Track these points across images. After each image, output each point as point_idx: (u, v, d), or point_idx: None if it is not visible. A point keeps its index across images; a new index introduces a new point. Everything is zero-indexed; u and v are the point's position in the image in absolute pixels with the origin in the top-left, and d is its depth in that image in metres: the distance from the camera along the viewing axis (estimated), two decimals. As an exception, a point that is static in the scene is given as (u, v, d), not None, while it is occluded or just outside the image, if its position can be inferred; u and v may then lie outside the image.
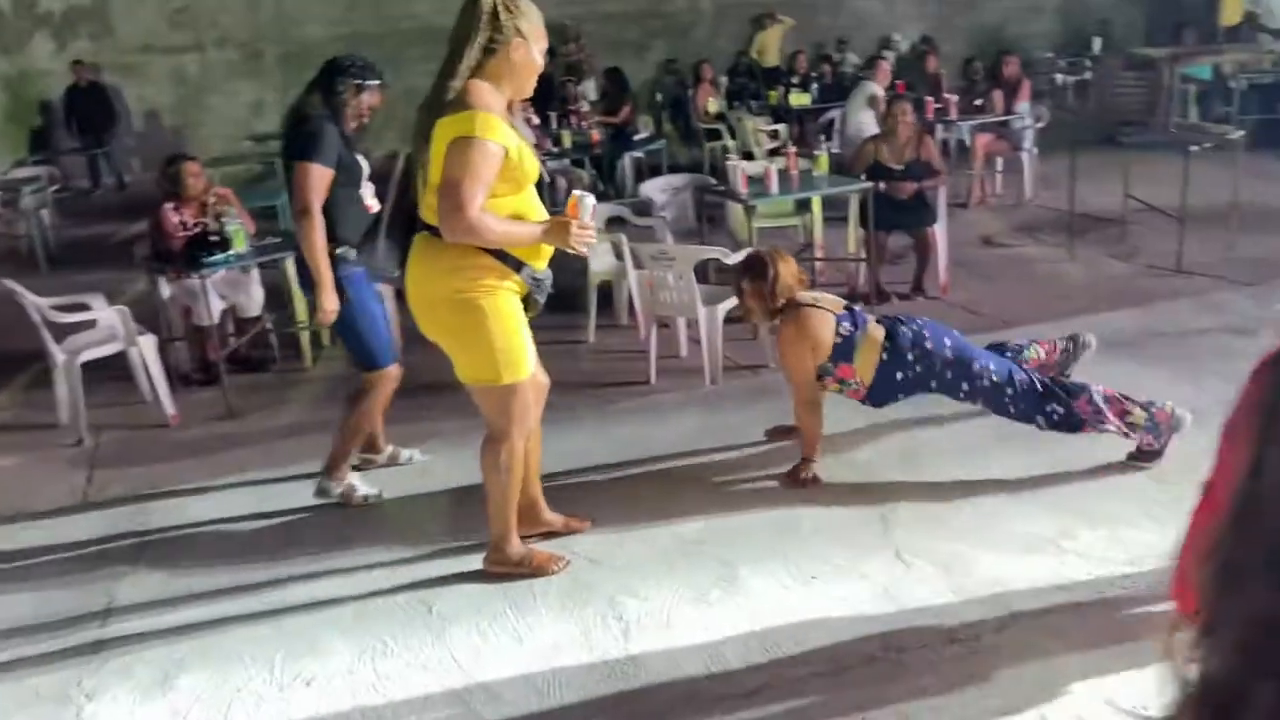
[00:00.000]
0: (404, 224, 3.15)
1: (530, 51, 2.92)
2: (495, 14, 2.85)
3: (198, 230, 5.49)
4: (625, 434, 4.47)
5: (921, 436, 4.17)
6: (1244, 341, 4.93)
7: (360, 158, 3.88)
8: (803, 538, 3.45)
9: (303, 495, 4.05)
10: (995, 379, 3.72)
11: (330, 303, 3.72)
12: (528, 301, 3.06)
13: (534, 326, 3.19)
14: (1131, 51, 7.24)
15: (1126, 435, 3.71)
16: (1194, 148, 6.33)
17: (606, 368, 5.55)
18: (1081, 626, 2.84)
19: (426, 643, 3.03)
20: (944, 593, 3.04)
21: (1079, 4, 16.96)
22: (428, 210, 2.96)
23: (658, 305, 5.23)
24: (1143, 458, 3.75)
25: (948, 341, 3.80)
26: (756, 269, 3.86)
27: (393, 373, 3.93)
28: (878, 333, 3.79)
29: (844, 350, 3.76)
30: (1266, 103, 10.46)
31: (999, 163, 9.12)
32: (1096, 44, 14.57)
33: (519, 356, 3.03)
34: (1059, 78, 14.59)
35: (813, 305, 3.83)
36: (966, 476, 3.80)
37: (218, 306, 5.60)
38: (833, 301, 3.94)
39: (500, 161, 2.81)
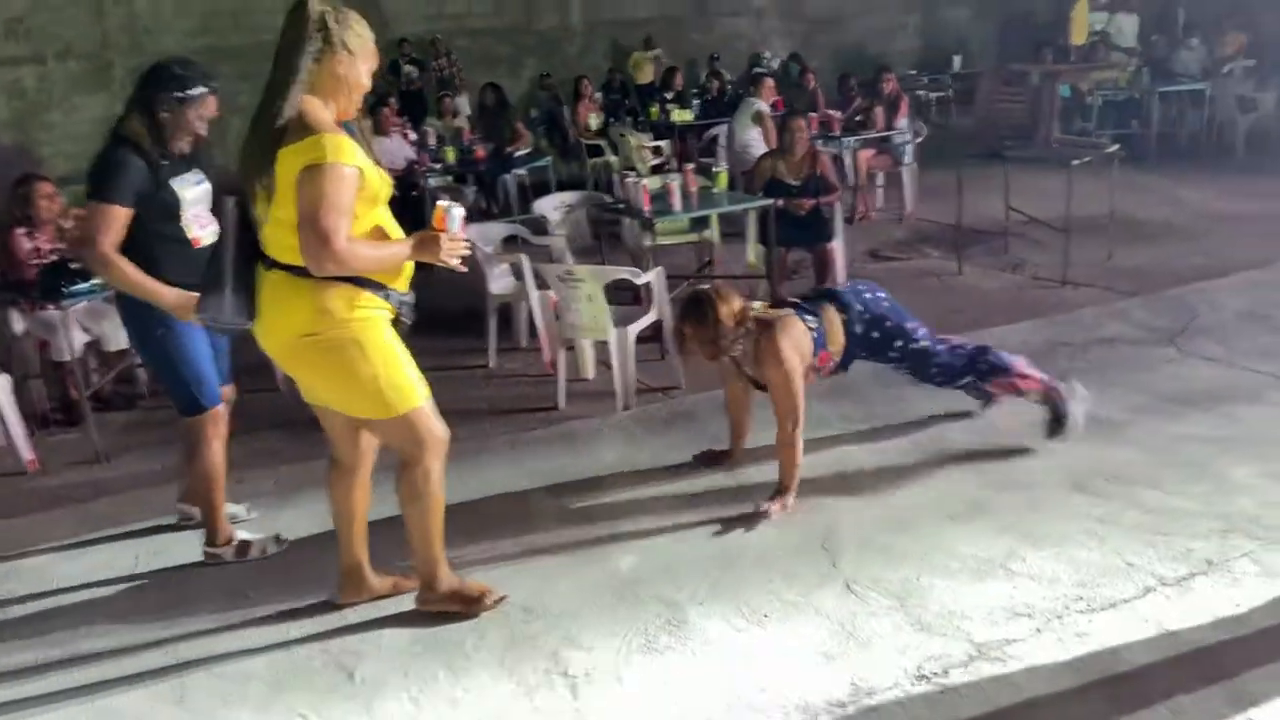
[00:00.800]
0: (249, 270, 2.79)
1: (356, 68, 2.70)
2: (323, 23, 2.63)
3: (54, 257, 5.00)
4: (542, 465, 4.24)
5: (853, 458, 4.08)
6: (1145, 351, 5.06)
7: (181, 185, 3.38)
8: (746, 571, 3.29)
9: (191, 545, 3.68)
10: (925, 343, 3.99)
11: (172, 298, 3.27)
12: (396, 325, 2.88)
13: (433, 353, 2.99)
14: (1012, 68, 7.41)
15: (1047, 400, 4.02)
16: (1075, 161, 6.50)
17: (511, 394, 5.30)
18: (1044, 653, 2.76)
19: (352, 714, 2.73)
20: (903, 626, 2.92)
21: (937, 24, 17.58)
22: (276, 247, 2.71)
23: (564, 327, 5.02)
24: (1053, 430, 3.98)
25: (881, 293, 4.07)
26: (696, 313, 3.68)
27: (219, 412, 3.54)
28: (830, 311, 3.91)
29: (820, 342, 3.87)
30: (1120, 118, 11.00)
31: (880, 177, 9.27)
32: (957, 61, 15.11)
33: (408, 382, 2.85)
34: (923, 94, 15.06)
35: (778, 317, 3.80)
36: (904, 498, 3.72)
37: (79, 340, 5.11)
38: (780, 309, 3.93)
39: (356, 184, 2.61)
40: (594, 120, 11.02)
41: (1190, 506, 3.49)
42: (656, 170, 8.83)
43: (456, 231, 2.80)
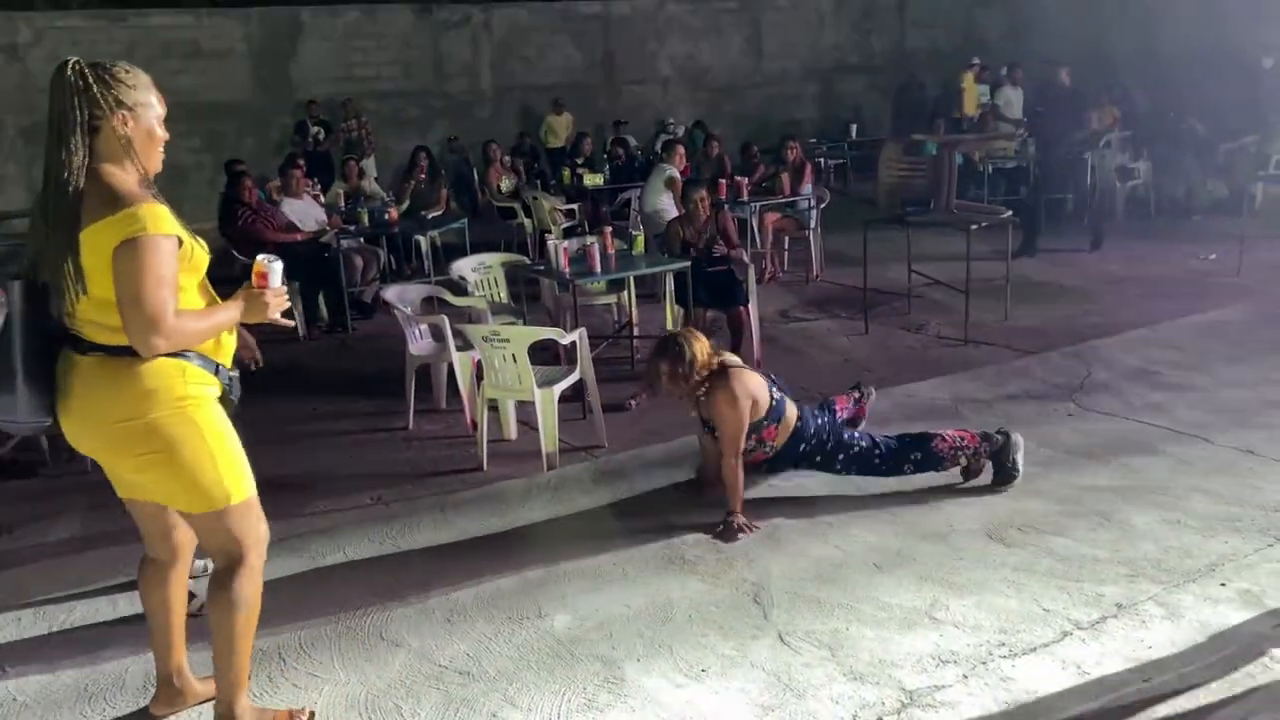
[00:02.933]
0: (44, 358, 2.53)
1: (143, 123, 2.52)
2: (86, 88, 2.43)
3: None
4: (470, 526, 4.22)
5: (778, 511, 4.17)
6: (1047, 406, 5.30)
7: None
8: (680, 626, 3.33)
9: (104, 620, 3.55)
10: (863, 445, 4.26)
11: None
12: (224, 402, 2.69)
13: (350, 415, 2.91)
14: (913, 138, 7.77)
15: (969, 468, 4.32)
16: (974, 226, 6.83)
17: (433, 455, 5.26)
18: (972, 699, 2.86)
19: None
20: (836, 676, 2.99)
21: (833, 94, 18.30)
22: (91, 327, 2.50)
23: (489, 388, 5.03)
24: (999, 477, 4.27)
25: (825, 419, 4.31)
26: (673, 352, 4.05)
27: None
28: (792, 410, 4.26)
29: (776, 413, 4.17)
30: (1010, 185, 11.58)
31: (786, 241, 9.56)
32: (854, 130, 15.73)
33: (242, 468, 2.65)
34: (822, 161, 15.62)
35: (742, 366, 4.15)
36: (829, 550, 3.82)
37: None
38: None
39: (177, 254, 2.47)
40: (505, 184, 11.12)
41: (1098, 553, 3.67)
42: (569, 233, 8.96)
43: (279, 286, 2.70)
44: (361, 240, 8.66)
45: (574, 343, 5.15)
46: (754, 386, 4.10)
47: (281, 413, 5.88)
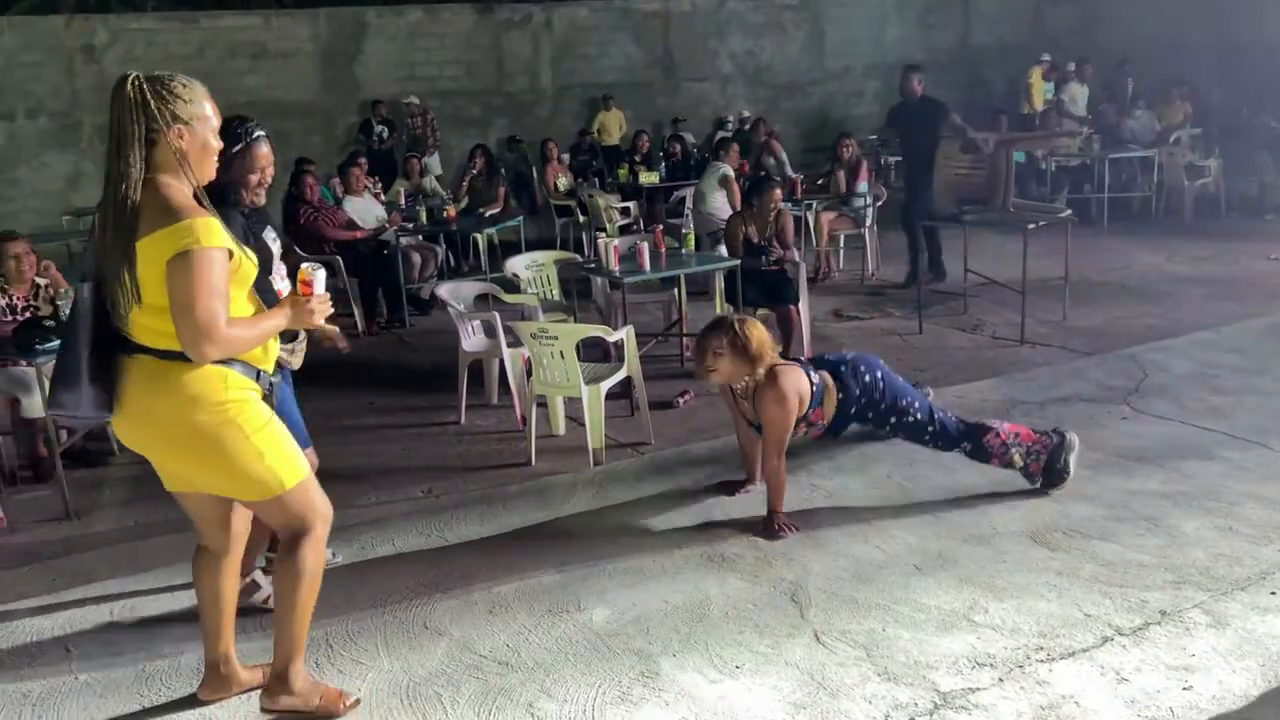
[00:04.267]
0: (107, 357, 2.66)
1: (198, 136, 2.62)
2: (144, 103, 2.53)
3: (28, 314, 5.03)
4: (515, 520, 4.30)
5: (816, 509, 4.18)
6: (1101, 409, 5.22)
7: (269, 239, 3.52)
8: (717, 623, 3.37)
9: (164, 606, 3.68)
10: (919, 415, 4.23)
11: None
12: (265, 401, 2.80)
13: (404, 410, 3.00)
14: (970, 136, 7.68)
15: (1026, 466, 4.22)
16: (1031, 225, 6.74)
17: (483, 450, 5.36)
18: (1007, 702, 2.85)
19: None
20: (870, 676, 3.00)
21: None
22: (143, 331, 2.61)
23: (538, 384, 5.10)
24: (1049, 479, 4.22)
25: (879, 373, 4.29)
26: (735, 332, 4.04)
27: None
28: (830, 382, 4.21)
29: (817, 397, 4.17)
30: (1074, 183, 11.37)
31: (841, 239, 9.51)
32: (916, 128, 15.51)
33: (292, 456, 2.78)
34: (883, 159, 15.46)
35: (785, 364, 4.16)
36: (869, 550, 3.82)
37: (51, 396, 5.10)
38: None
39: (227, 266, 2.58)
40: (562, 182, 11.22)
41: (1144, 559, 3.62)
42: (624, 231, 9.02)
43: (323, 293, 2.83)
44: (420, 237, 8.81)
45: (622, 340, 5.20)
46: (800, 383, 4.10)
47: (339, 407, 6.02)
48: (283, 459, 2.74)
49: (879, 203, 9.39)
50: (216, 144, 2.70)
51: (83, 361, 2.62)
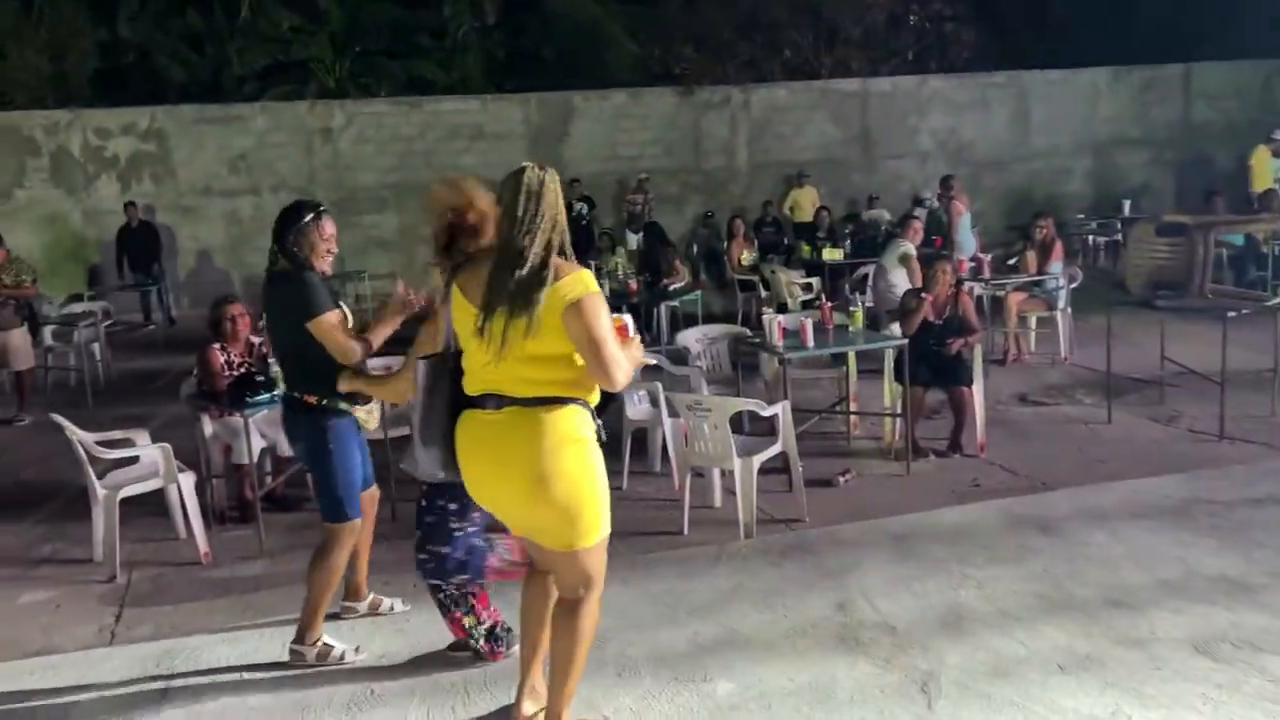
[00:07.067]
0: (445, 421, 2.99)
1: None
2: (540, 192, 2.89)
3: (243, 370, 5.61)
4: (657, 588, 4.39)
5: (963, 599, 4.07)
6: (1295, 512, 4.83)
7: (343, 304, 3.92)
8: (839, 706, 3.34)
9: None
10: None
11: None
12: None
13: None
14: (1165, 219, 7.33)
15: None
16: (1231, 313, 6.34)
17: (639, 516, 5.50)
18: (1137, 816, 2.70)
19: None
20: (990, 774, 2.91)
21: (1110, 168, 17.36)
22: (515, 382, 2.87)
23: (692, 455, 5.22)
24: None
25: None
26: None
27: (357, 525, 3.90)
28: None
29: None
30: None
31: (1033, 321, 9.18)
32: (1126, 206, 14.84)
33: (608, 506, 3.00)
34: (1091, 239, 14.81)
35: None
36: (1011, 645, 3.68)
37: (258, 445, 5.66)
38: None
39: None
40: (746, 257, 11.41)
41: (1321, 679, 3.33)
42: (807, 306, 9.06)
43: (634, 338, 3.17)
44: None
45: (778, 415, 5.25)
46: None
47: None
48: (606, 508, 2.97)
49: (1073, 284, 9.03)
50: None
51: (437, 426, 2.98)
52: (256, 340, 5.80)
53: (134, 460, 5.42)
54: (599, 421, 3.00)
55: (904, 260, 8.56)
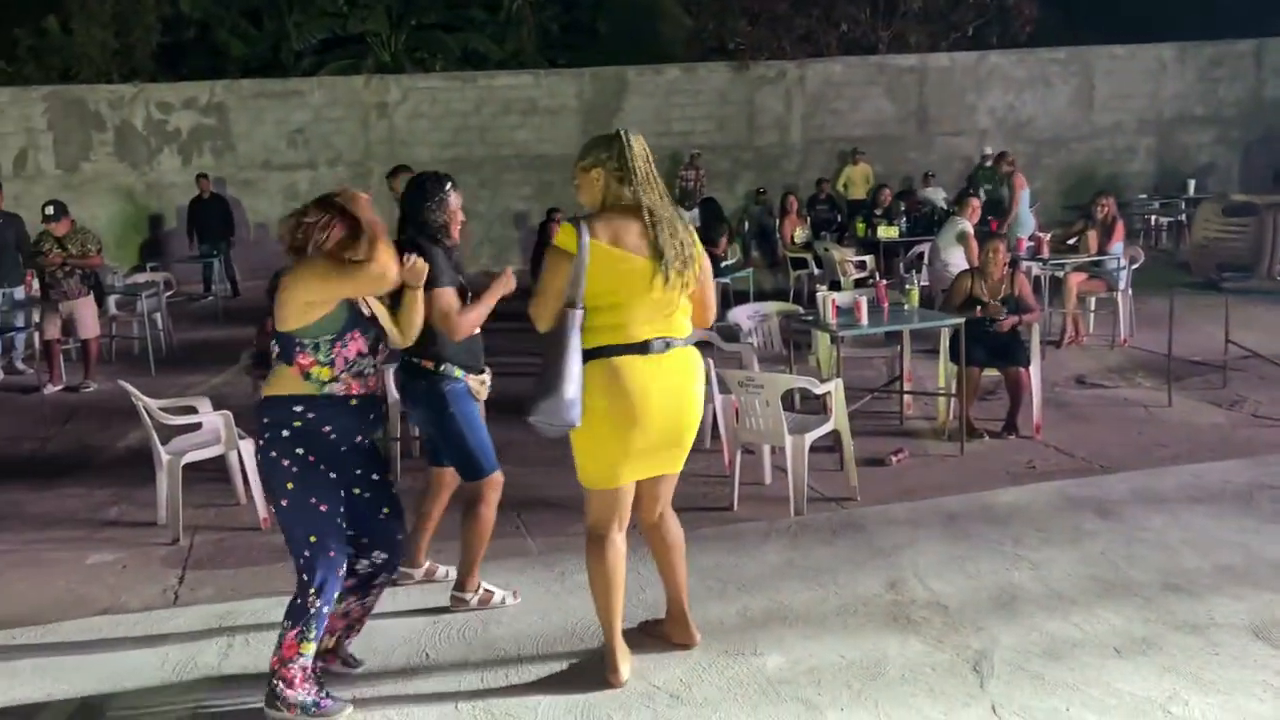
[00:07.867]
0: (581, 371, 3.18)
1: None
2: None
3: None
4: (708, 562, 4.40)
5: (1017, 580, 4.03)
6: (1361, 500, 4.72)
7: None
8: (891, 683, 3.33)
9: (384, 605, 4.06)
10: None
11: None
12: None
13: None
14: (1233, 198, 7.15)
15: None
16: (1300, 296, 6.18)
17: (690, 491, 5.47)
18: (1193, 802, 2.67)
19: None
20: (1043, 754, 2.89)
21: (1175, 147, 16.95)
22: (676, 326, 3.26)
23: (743, 431, 5.22)
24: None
25: None
26: None
27: (499, 477, 3.99)
28: None
29: None
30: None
31: (1092, 302, 9.01)
32: (1191, 186, 14.50)
33: None
34: (1153, 219, 14.51)
35: None
36: (1066, 628, 3.64)
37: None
38: None
39: None
40: (799, 234, 11.33)
41: (1387, 669, 3.26)
42: (860, 284, 8.99)
43: None
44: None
45: (830, 393, 5.22)
46: None
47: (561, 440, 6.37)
48: None
49: (1135, 265, 8.85)
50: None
51: (571, 374, 3.14)
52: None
53: (197, 427, 5.54)
54: None
55: (961, 239, 8.45)
